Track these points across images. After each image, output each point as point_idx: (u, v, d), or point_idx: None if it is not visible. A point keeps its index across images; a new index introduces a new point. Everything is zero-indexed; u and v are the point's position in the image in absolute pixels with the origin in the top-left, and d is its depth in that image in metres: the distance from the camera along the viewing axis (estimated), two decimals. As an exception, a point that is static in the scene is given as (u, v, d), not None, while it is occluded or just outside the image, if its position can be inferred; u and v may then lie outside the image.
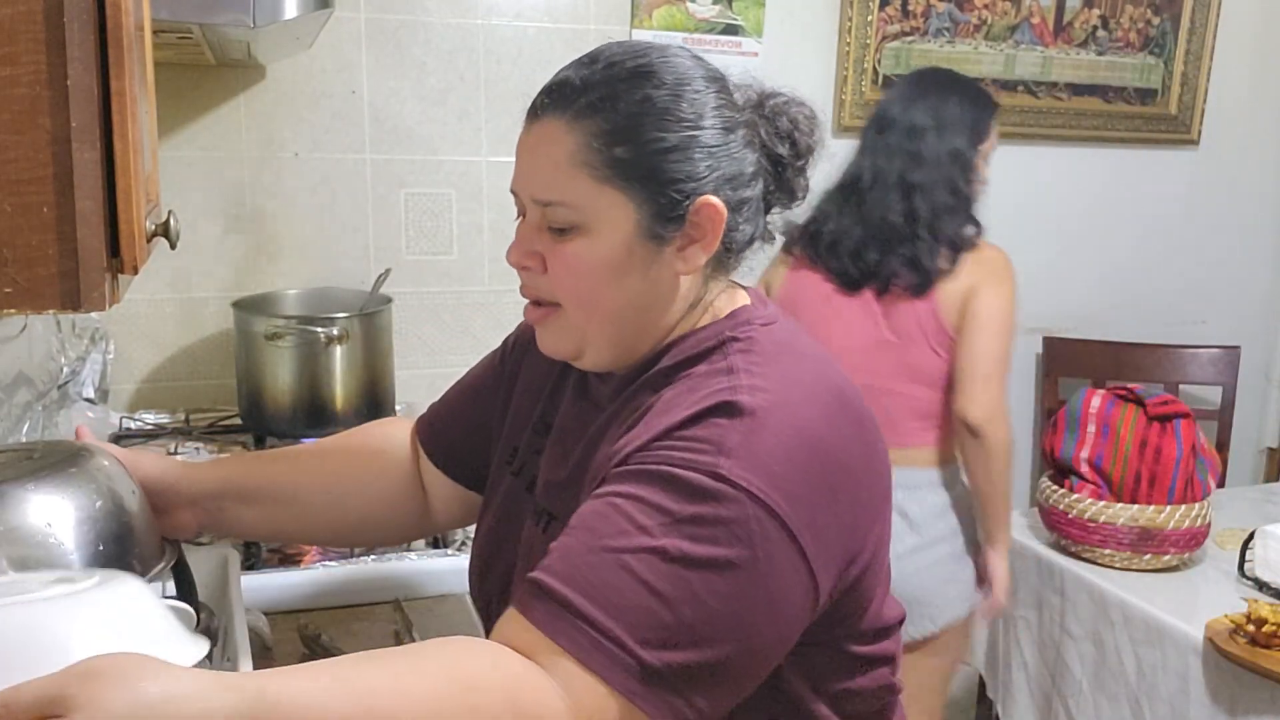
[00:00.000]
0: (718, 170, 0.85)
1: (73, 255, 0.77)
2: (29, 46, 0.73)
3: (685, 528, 0.73)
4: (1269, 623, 1.51)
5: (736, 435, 0.76)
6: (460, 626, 1.27)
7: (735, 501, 0.73)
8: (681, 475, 0.75)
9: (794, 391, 0.81)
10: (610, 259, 0.84)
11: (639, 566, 0.72)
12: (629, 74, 0.84)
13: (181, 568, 1.03)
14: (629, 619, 0.71)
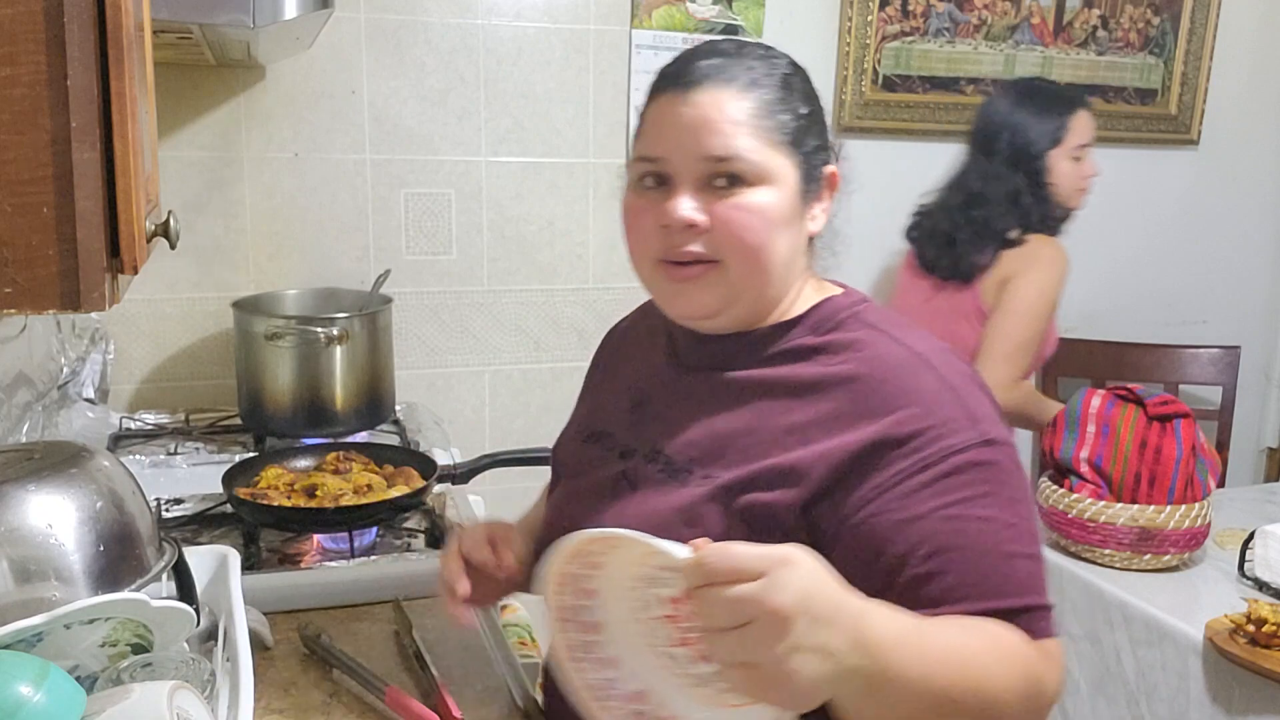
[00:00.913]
0: (831, 147, 1.01)
1: (73, 255, 0.77)
2: (29, 46, 0.73)
3: (1003, 494, 0.85)
4: (1269, 623, 1.51)
5: (963, 403, 0.87)
6: (460, 626, 1.27)
7: (1004, 452, 0.87)
8: (971, 458, 0.85)
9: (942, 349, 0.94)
10: (780, 211, 0.94)
11: (1018, 547, 0.84)
12: (771, 55, 1.00)
13: (181, 568, 1.03)
14: (1034, 585, 0.85)
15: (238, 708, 0.92)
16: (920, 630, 0.76)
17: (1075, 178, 2.15)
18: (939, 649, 0.76)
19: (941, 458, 0.84)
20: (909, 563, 0.83)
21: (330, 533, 1.43)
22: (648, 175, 0.96)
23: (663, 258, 0.95)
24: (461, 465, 1.62)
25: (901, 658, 0.74)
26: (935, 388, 0.88)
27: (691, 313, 0.98)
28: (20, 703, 0.72)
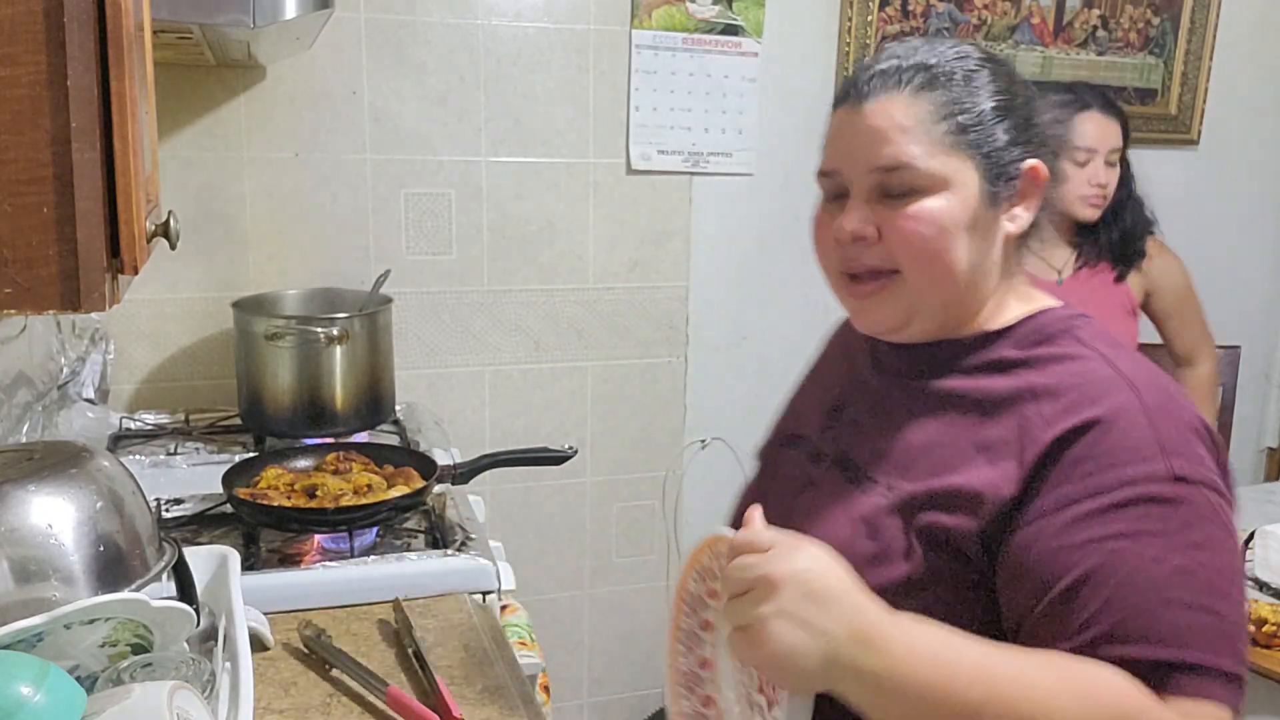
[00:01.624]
0: (1050, 146, 0.94)
1: (73, 255, 0.77)
2: (29, 46, 0.73)
3: (1181, 537, 0.77)
4: (1269, 623, 1.51)
5: (1158, 432, 0.80)
6: (460, 626, 1.27)
7: (1199, 493, 0.78)
8: (1150, 491, 0.78)
9: (1159, 379, 0.86)
10: (957, 218, 0.90)
11: (1185, 595, 0.75)
12: (955, 54, 0.93)
13: (181, 568, 1.03)
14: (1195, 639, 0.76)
15: (238, 708, 0.92)
16: (956, 648, 0.75)
17: (1078, 183, 2.06)
18: (975, 671, 0.73)
19: (1117, 485, 0.78)
20: (1052, 589, 0.78)
21: (330, 533, 1.43)
22: (829, 189, 0.97)
23: (842, 270, 0.96)
24: (461, 465, 1.62)
25: (917, 669, 0.73)
26: (1131, 410, 0.81)
27: (875, 328, 0.97)
28: (20, 703, 0.72)
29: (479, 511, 1.65)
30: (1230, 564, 0.77)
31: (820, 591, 0.73)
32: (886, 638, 0.74)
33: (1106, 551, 0.77)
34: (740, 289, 2.38)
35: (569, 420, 2.31)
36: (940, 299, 0.93)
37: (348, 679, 1.13)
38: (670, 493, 2.42)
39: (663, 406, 2.38)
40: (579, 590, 2.41)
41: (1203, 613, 0.76)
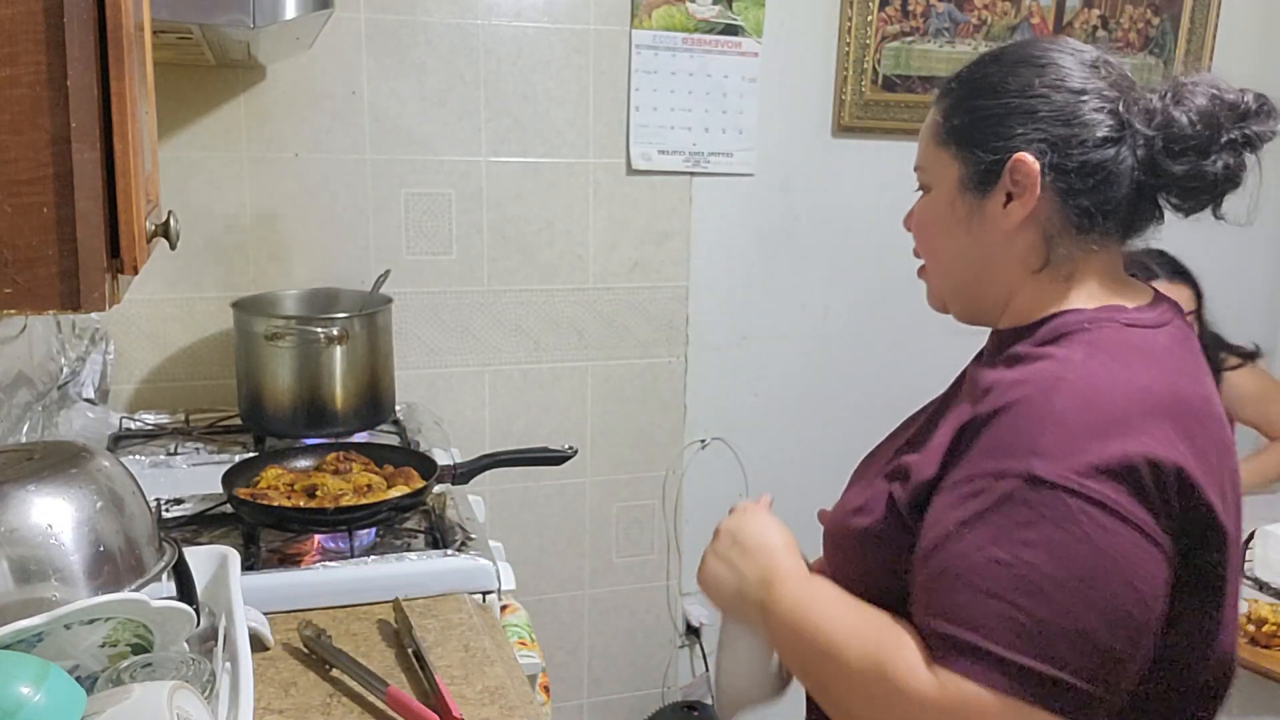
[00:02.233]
0: (1038, 130, 0.90)
1: (73, 255, 0.77)
2: (29, 46, 0.73)
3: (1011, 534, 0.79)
4: (1269, 623, 1.52)
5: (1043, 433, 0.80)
6: (460, 626, 1.27)
7: (1051, 496, 0.78)
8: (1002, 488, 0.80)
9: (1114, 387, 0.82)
10: (938, 212, 0.97)
11: (990, 585, 0.79)
12: (979, 59, 0.97)
13: (181, 568, 1.03)
14: (993, 631, 0.79)
15: (238, 708, 0.92)
16: (823, 601, 0.91)
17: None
18: (820, 617, 0.89)
19: (981, 475, 0.82)
20: (917, 556, 0.86)
21: (330, 533, 1.43)
22: None
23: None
24: (461, 465, 1.62)
25: (787, 610, 0.93)
26: (1031, 408, 0.82)
27: (931, 306, 1.05)
28: (20, 703, 0.72)
29: (479, 511, 1.65)
30: (1064, 568, 0.77)
31: (745, 543, 1.00)
32: (782, 587, 0.94)
33: (948, 534, 0.82)
34: (740, 289, 2.38)
35: (569, 420, 2.31)
36: (949, 285, 1.00)
37: (348, 679, 1.13)
38: (670, 493, 2.42)
39: (663, 406, 2.38)
40: (579, 590, 2.41)
41: (1003, 603, 0.77)
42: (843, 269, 2.45)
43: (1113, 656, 0.77)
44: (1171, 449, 0.79)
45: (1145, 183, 0.91)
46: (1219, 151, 0.88)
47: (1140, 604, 0.78)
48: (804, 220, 2.40)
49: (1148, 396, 0.82)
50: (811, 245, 2.40)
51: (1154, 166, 0.89)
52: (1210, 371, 0.91)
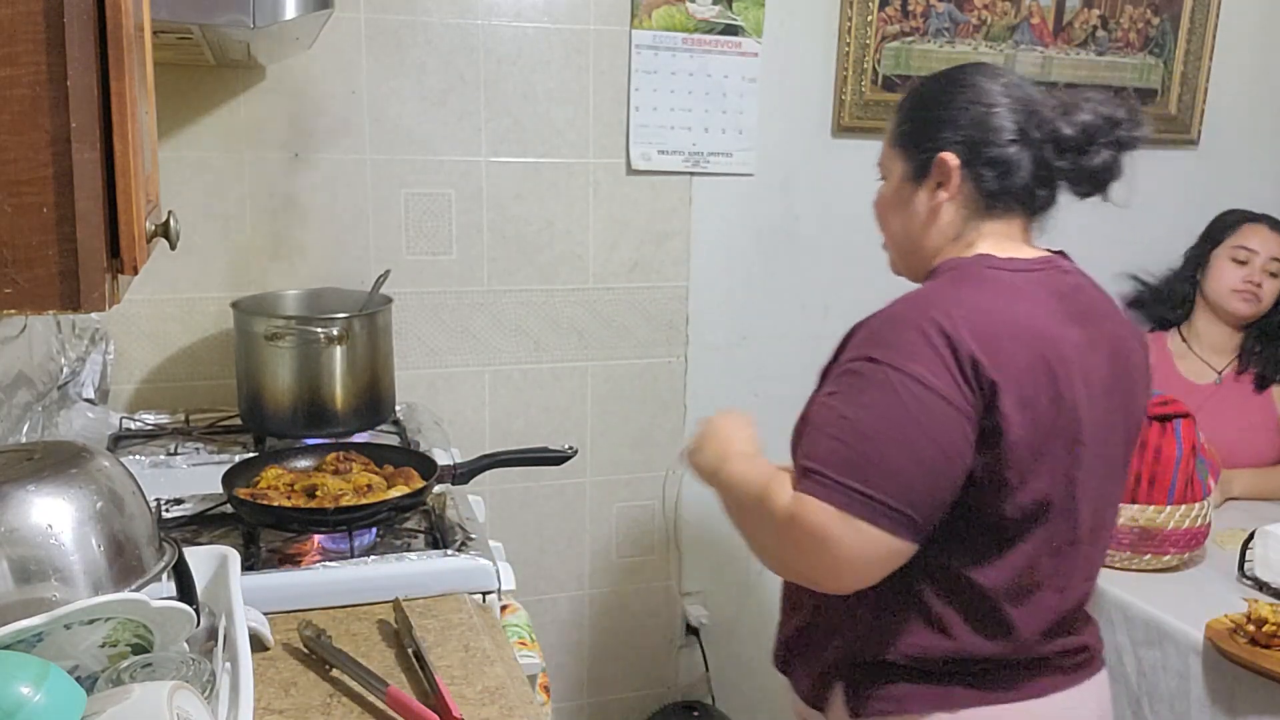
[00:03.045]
0: (958, 135, 1.20)
1: (73, 255, 0.77)
2: (29, 46, 0.73)
3: (853, 396, 1.11)
4: (1269, 623, 1.51)
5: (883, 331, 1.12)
6: (460, 626, 1.27)
7: (880, 370, 1.08)
8: (850, 366, 1.12)
9: (937, 299, 1.12)
10: (890, 198, 1.28)
11: (835, 431, 1.09)
12: (925, 80, 1.27)
13: (181, 568, 1.03)
14: (823, 457, 1.08)
15: (238, 708, 0.92)
16: (751, 474, 1.18)
17: (1232, 278, 2.31)
18: (746, 476, 1.19)
19: (843, 361, 1.13)
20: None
21: (330, 533, 1.43)
22: None
23: None
24: (461, 465, 1.62)
25: (725, 477, 1.22)
26: (875, 323, 1.13)
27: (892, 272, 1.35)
28: (20, 703, 0.72)
29: (479, 511, 1.65)
30: (888, 419, 1.05)
31: (711, 435, 1.29)
32: (730, 463, 1.23)
33: (816, 402, 1.14)
34: (740, 289, 2.38)
35: (569, 420, 2.31)
36: (899, 253, 1.31)
37: (348, 679, 1.13)
38: (670, 493, 2.42)
39: (663, 406, 2.38)
40: (579, 590, 2.42)
41: (839, 443, 1.07)
42: (843, 269, 2.44)
43: (919, 490, 1.05)
44: (975, 342, 1.06)
45: (1039, 174, 1.21)
46: (1096, 152, 1.20)
47: (941, 453, 1.06)
48: (804, 220, 2.40)
49: (970, 307, 1.09)
50: (811, 245, 2.40)
51: (1044, 162, 1.21)
52: (1066, 306, 1.16)
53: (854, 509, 1.04)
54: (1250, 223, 2.34)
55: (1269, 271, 2.30)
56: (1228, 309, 2.32)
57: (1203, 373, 2.33)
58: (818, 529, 1.04)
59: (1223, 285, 2.32)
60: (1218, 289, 2.33)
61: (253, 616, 1.16)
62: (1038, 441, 1.10)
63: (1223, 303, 2.33)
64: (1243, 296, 2.30)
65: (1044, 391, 1.09)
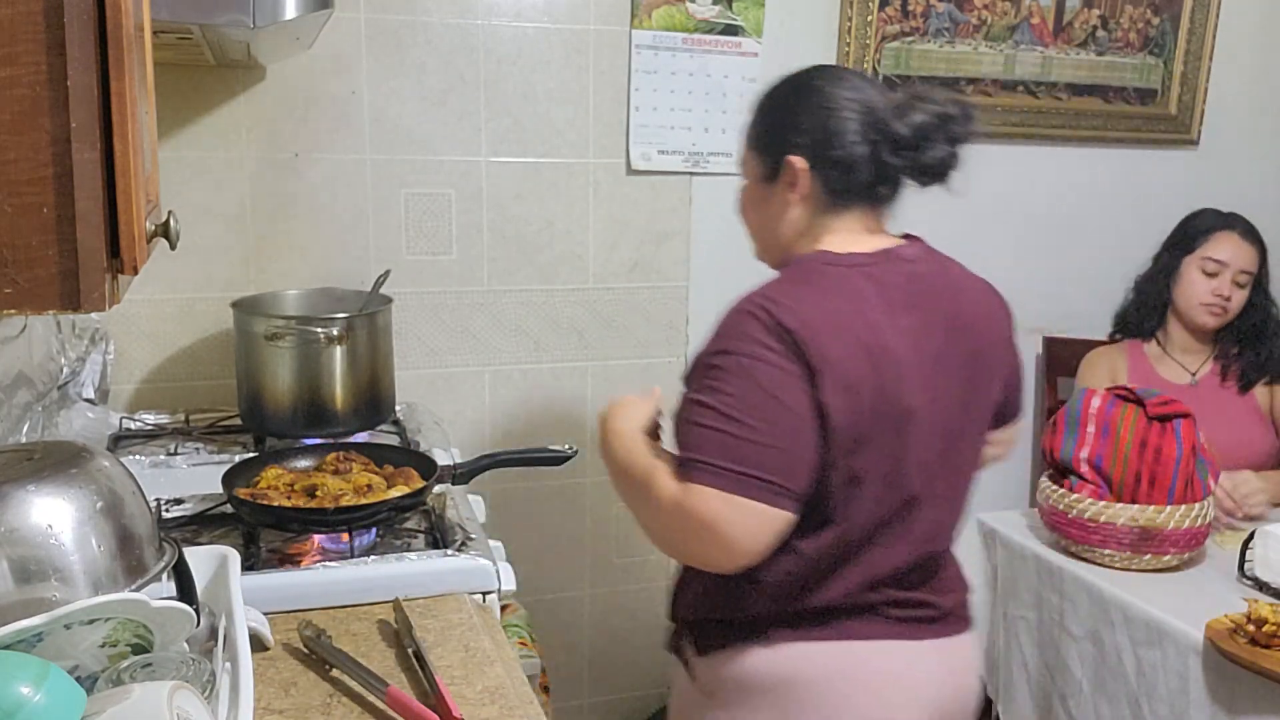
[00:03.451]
0: (804, 138, 1.28)
1: (73, 255, 0.77)
2: (29, 47, 0.73)
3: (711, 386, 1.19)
4: (1269, 623, 1.51)
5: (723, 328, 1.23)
6: (460, 626, 1.27)
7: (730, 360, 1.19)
8: (705, 361, 1.22)
9: (767, 291, 1.23)
10: (749, 196, 1.38)
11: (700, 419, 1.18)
12: (773, 87, 1.36)
13: (181, 568, 1.03)
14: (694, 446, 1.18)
15: (238, 708, 0.92)
16: (630, 458, 1.27)
17: (1202, 290, 2.28)
18: (623, 466, 1.28)
19: (700, 359, 1.22)
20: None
21: (330, 533, 1.43)
22: None
23: None
24: (461, 465, 1.62)
25: (611, 460, 1.30)
26: (720, 323, 1.24)
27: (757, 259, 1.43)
28: (20, 703, 0.72)
29: (479, 511, 1.65)
30: (748, 401, 1.15)
31: (604, 418, 1.34)
32: (613, 447, 1.30)
33: (685, 400, 1.22)
34: (740, 289, 2.37)
35: (569, 420, 2.31)
36: (760, 245, 1.41)
37: (348, 679, 1.13)
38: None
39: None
40: (579, 590, 2.42)
41: (713, 431, 1.15)
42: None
43: (789, 459, 1.14)
44: (800, 332, 1.16)
45: (879, 172, 1.28)
46: (931, 147, 1.26)
47: (798, 419, 1.15)
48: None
49: (795, 300, 1.20)
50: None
51: (882, 160, 1.27)
52: (896, 294, 1.25)
53: (738, 489, 1.12)
54: (1223, 230, 2.30)
55: (1238, 283, 2.28)
56: (1194, 321, 2.30)
57: (1179, 375, 2.33)
58: (707, 515, 1.13)
59: (1191, 297, 2.29)
60: (1186, 300, 2.30)
61: (253, 616, 1.16)
62: (860, 426, 1.18)
63: (1190, 314, 2.30)
64: (1210, 310, 2.27)
65: (867, 379, 1.18)
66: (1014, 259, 2.61)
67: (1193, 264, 2.30)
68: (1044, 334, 2.66)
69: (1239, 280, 2.27)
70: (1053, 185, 2.60)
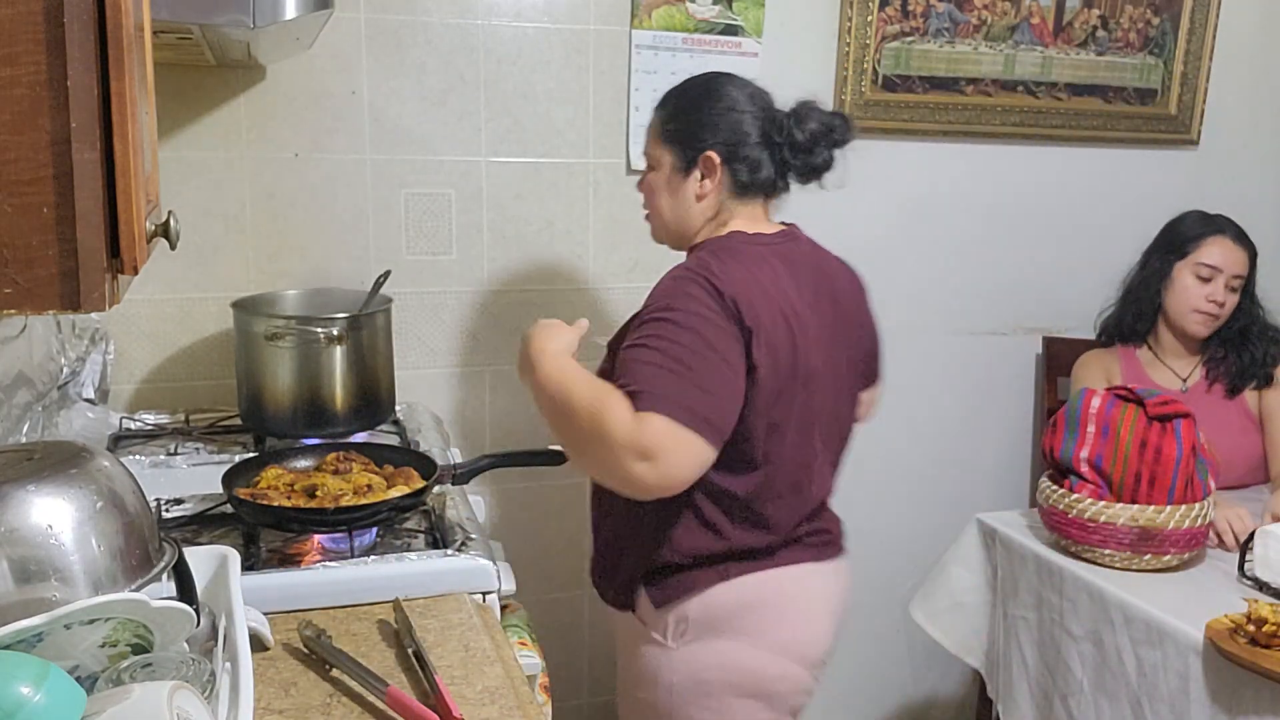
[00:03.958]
0: (719, 137, 1.50)
1: (73, 255, 0.77)
2: (29, 47, 0.73)
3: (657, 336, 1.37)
4: (1269, 623, 1.51)
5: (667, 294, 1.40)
6: (460, 626, 1.27)
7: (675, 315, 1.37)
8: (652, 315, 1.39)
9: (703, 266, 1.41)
10: (659, 185, 1.56)
11: (648, 358, 1.34)
12: (680, 87, 1.56)
13: (181, 568, 1.03)
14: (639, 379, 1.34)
15: (238, 708, 0.92)
16: (570, 373, 1.41)
17: (1196, 297, 2.26)
18: (570, 382, 1.39)
19: (644, 316, 1.39)
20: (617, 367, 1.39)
21: (330, 533, 1.43)
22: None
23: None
24: (461, 465, 1.62)
25: (542, 378, 1.42)
26: (662, 287, 1.42)
27: (656, 241, 1.64)
28: (20, 703, 0.72)
29: (479, 511, 1.65)
30: (693, 349, 1.33)
31: (528, 339, 1.49)
32: (543, 362, 1.44)
33: (628, 346, 1.38)
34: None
35: (569, 420, 2.30)
36: (664, 229, 1.59)
37: (348, 679, 1.13)
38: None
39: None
40: (579, 590, 2.42)
41: (664, 370, 1.32)
42: (843, 269, 2.45)
43: (723, 404, 1.33)
44: (736, 298, 1.36)
45: (778, 168, 1.52)
46: (819, 151, 1.50)
47: (733, 371, 1.35)
48: (803, 221, 2.39)
49: (729, 271, 1.39)
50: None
51: (782, 159, 1.51)
52: (798, 270, 1.48)
53: (687, 422, 1.29)
54: (1215, 235, 2.28)
55: (1231, 288, 2.26)
56: (1186, 328, 2.29)
57: (1171, 381, 2.32)
58: (657, 442, 1.28)
59: (1184, 304, 2.27)
60: (1179, 307, 2.28)
61: (253, 616, 1.16)
62: (779, 381, 1.40)
63: (1182, 321, 2.29)
64: (1202, 318, 2.26)
65: (784, 340, 1.39)
66: (1014, 259, 2.62)
67: (1185, 270, 2.28)
68: (1043, 334, 2.66)
69: (1232, 285, 2.27)
70: (1053, 185, 2.60)
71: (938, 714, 2.83)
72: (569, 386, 1.38)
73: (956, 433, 2.66)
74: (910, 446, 2.63)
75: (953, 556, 2.20)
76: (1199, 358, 2.35)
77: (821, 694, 2.75)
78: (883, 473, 2.61)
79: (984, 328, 2.64)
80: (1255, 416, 2.30)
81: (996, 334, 2.65)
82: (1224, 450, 2.11)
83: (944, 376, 2.62)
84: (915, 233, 2.52)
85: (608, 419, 1.30)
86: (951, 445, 2.67)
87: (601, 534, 1.59)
